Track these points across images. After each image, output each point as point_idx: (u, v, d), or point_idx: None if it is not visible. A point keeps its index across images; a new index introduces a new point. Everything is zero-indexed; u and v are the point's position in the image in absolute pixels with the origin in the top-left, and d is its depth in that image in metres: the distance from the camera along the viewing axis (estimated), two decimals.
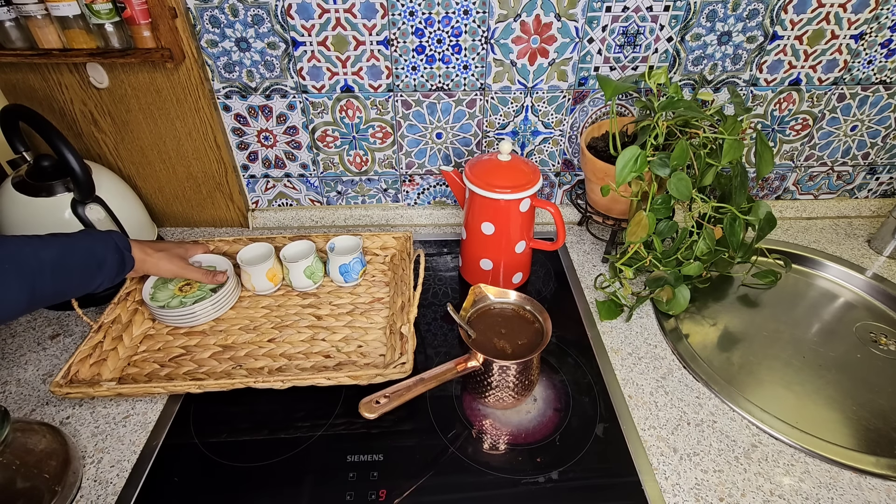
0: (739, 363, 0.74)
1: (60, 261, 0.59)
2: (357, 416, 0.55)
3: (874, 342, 0.77)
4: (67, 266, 0.60)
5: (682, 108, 0.68)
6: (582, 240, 0.98)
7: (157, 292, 0.77)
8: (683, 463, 0.60)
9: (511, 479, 0.59)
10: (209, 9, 0.76)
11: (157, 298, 0.76)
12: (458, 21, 0.78)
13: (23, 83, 0.81)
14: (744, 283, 0.87)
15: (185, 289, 0.78)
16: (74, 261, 0.61)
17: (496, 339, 0.64)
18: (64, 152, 0.71)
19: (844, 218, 1.04)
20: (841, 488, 0.58)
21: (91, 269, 0.62)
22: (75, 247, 0.61)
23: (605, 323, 0.79)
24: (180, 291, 0.77)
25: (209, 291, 0.77)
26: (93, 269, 0.62)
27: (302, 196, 0.99)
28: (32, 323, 0.79)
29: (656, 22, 0.79)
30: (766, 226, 0.76)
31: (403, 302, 0.76)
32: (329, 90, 0.85)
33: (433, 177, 0.97)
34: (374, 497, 0.56)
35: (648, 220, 0.70)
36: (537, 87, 0.86)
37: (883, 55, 0.84)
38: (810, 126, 0.93)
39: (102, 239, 0.65)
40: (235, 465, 0.60)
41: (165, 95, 0.83)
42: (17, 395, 0.68)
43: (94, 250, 0.63)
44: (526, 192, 0.73)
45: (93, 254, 0.63)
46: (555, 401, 0.68)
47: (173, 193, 0.96)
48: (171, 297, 0.76)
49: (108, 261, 0.64)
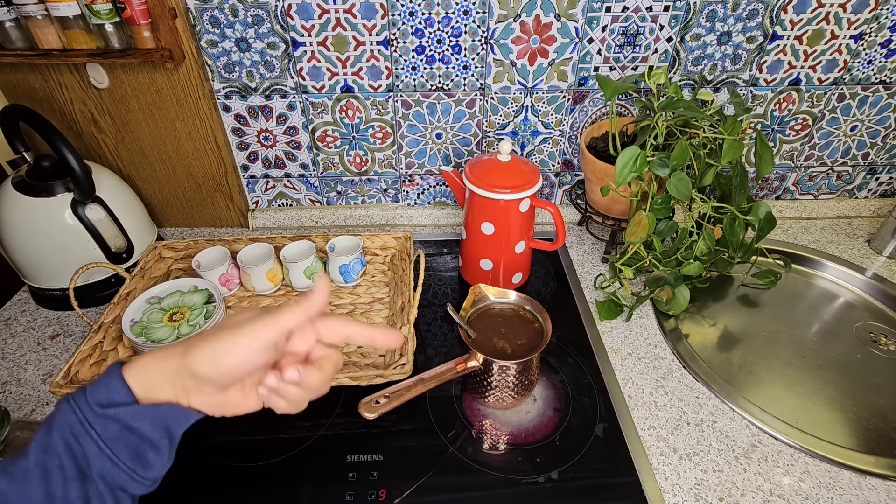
0: (739, 363, 0.74)
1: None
2: (357, 415, 0.55)
3: (874, 342, 0.77)
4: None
5: (681, 108, 0.68)
6: (582, 240, 0.98)
7: (146, 318, 0.71)
8: (683, 463, 0.60)
9: (511, 479, 0.59)
10: (209, 9, 0.76)
11: (148, 330, 0.70)
12: (457, 21, 0.78)
13: (23, 83, 0.81)
14: (744, 283, 0.87)
15: (177, 318, 0.72)
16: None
17: (496, 339, 0.64)
18: (64, 152, 0.71)
19: (844, 218, 1.04)
20: (841, 488, 0.58)
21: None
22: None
23: (605, 323, 0.79)
24: (171, 322, 0.71)
25: (203, 320, 0.72)
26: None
27: (302, 196, 0.99)
28: (32, 323, 0.79)
29: (656, 22, 0.79)
30: (765, 226, 0.76)
31: (403, 302, 0.76)
32: (329, 90, 0.85)
33: (433, 177, 0.97)
34: (373, 497, 0.56)
35: (648, 220, 0.70)
36: (537, 88, 0.86)
37: (883, 55, 0.84)
38: (810, 126, 0.93)
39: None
40: (235, 465, 0.60)
41: (165, 96, 0.83)
42: (17, 395, 0.68)
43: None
44: (526, 192, 0.73)
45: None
46: (554, 401, 0.68)
47: (173, 193, 0.96)
48: (160, 325, 0.70)
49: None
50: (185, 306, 0.74)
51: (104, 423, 0.34)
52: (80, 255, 0.78)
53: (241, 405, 0.39)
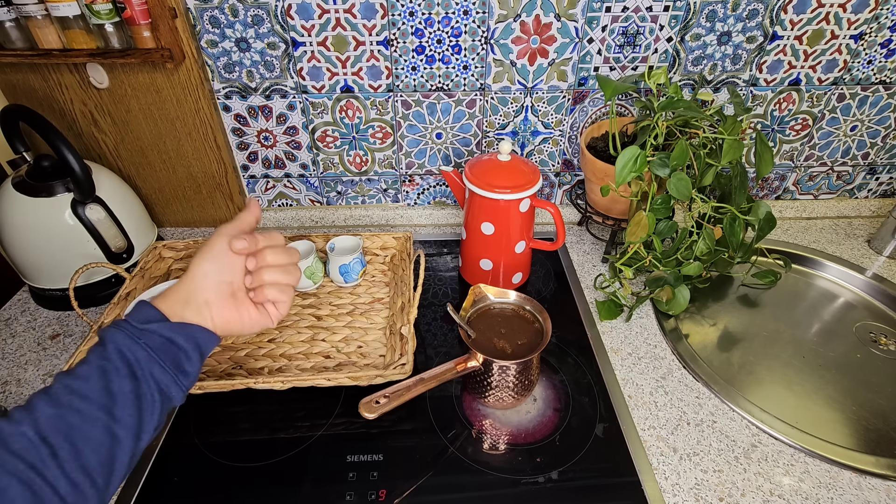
0: (739, 363, 0.74)
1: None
2: (357, 415, 0.55)
3: (874, 342, 0.77)
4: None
5: (681, 108, 0.68)
6: (582, 240, 0.98)
7: None
8: (683, 463, 0.60)
9: (511, 479, 0.59)
10: (209, 9, 0.76)
11: None
12: (457, 21, 0.78)
13: (23, 83, 0.81)
14: (744, 283, 0.87)
15: None
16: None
17: (496, 339, 0.64)
18: (64, 152, 0.71)
19: (844, 218, 1.04)
20: (841, 488, 0.58)
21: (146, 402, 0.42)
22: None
23: (605, 323, 0.79)
24: None
25: None
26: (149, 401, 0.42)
27: (302, 196, 0.99)
28: (32, 323, 0.79)
29: (656, 22, 0.79)
30: (765, 226, 0.76)
31: (403, 302, 0.76)
32: (329, 90, 0.85)
33: (433, 177, 0.97)
34: (373, 497, 0.56)
35: (648, 220, 0.70)
36: (537, 88, 0.86)
37: (883, 55, 0.84)
38: (810, 126, 0.93)
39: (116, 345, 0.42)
40: (235, 465, 0.60)
41: (165, 96, 0.83)
42: (17, 395, 0.68)
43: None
44: (526, 192, 0.73)
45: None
46: (554, 401, 0.68)
47: (173, 193, 0.96)
48: None
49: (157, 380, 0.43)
50: None
51: (148, 335, 0.43)
52: (80, 255, 0.78)
53: (254, 317, 0.49)
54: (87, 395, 0.39)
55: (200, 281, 0.46)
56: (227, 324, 0.47)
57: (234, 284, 0.48)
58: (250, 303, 0.49)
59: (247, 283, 0.49)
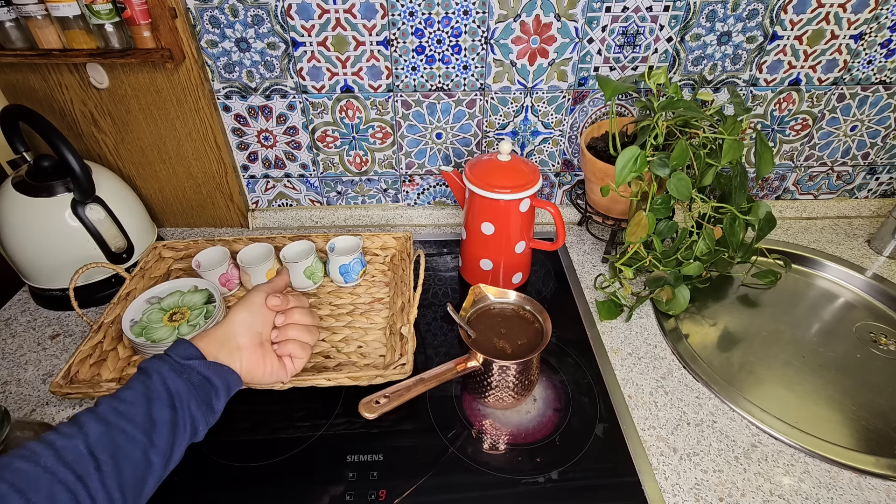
0: (739, 363, 0.74)
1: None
2: (357, 415, 0.55)
3: (874, 342, 0.77)
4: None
5: (681, 108, 0.68)
6: (582, 240, 0.98)
7: (146, 318, 0.72)
8: (683, 463, 0.60)
9: (511, 479, 0.59)
10: (209, 9, 0.76)
11: (148, 330, 0.70)
12: (457, 21, 0.78)
13: (23, 83, 0.81)
14: (744, 283, 0.87)
15: (177, 318, 0.72)
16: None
17: (496, 339, 0.64)
18: (64, 152, 0.71)
19: (844, 218, 1.04)
20: (841, 488, 0.58)
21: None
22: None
23: (605, 323, 0.79)
24: (171, 322, 0.72)
25: (203, 320, 0.72)
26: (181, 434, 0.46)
27: (302, 196, 0.99)
28: (32, 323, 0.79)
29: (656, 22, 0.79)
30: (765, 226, 0.76)
31: (403, 302, 0.76)
32: (329, 90, 0.85)
33: (433, 177, 0.97)
34: (373, 497, 0.56)
35: (648, 220, 0.70)
36: (537, 88, 0.86)
37: (883, 55, 0.84)
38: (810, 126, 0.93)
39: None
40: (235, 465, 0.60)
41: (165, 96, 0.83)
42: (17, 395, 0.68)
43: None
44: (526, 192, 0.73)
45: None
46: (555, 401, 0.68)
47: (173, 194, 0.96)
48: (160, 325, 0.71)
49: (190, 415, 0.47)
50: (185, 306, 0.75)
51: (190, 371, 0.47)
52: (80, 255, 0.78)
53: (275, 367, 0.54)
54: (132, 418, 0.43)
55: (237, 327, 0.52)
56: (252, 369, 0.53)
57: (263, 335, 0.54)
58: (274, 354, 0.55)
59: (273, 337, 0.55)
